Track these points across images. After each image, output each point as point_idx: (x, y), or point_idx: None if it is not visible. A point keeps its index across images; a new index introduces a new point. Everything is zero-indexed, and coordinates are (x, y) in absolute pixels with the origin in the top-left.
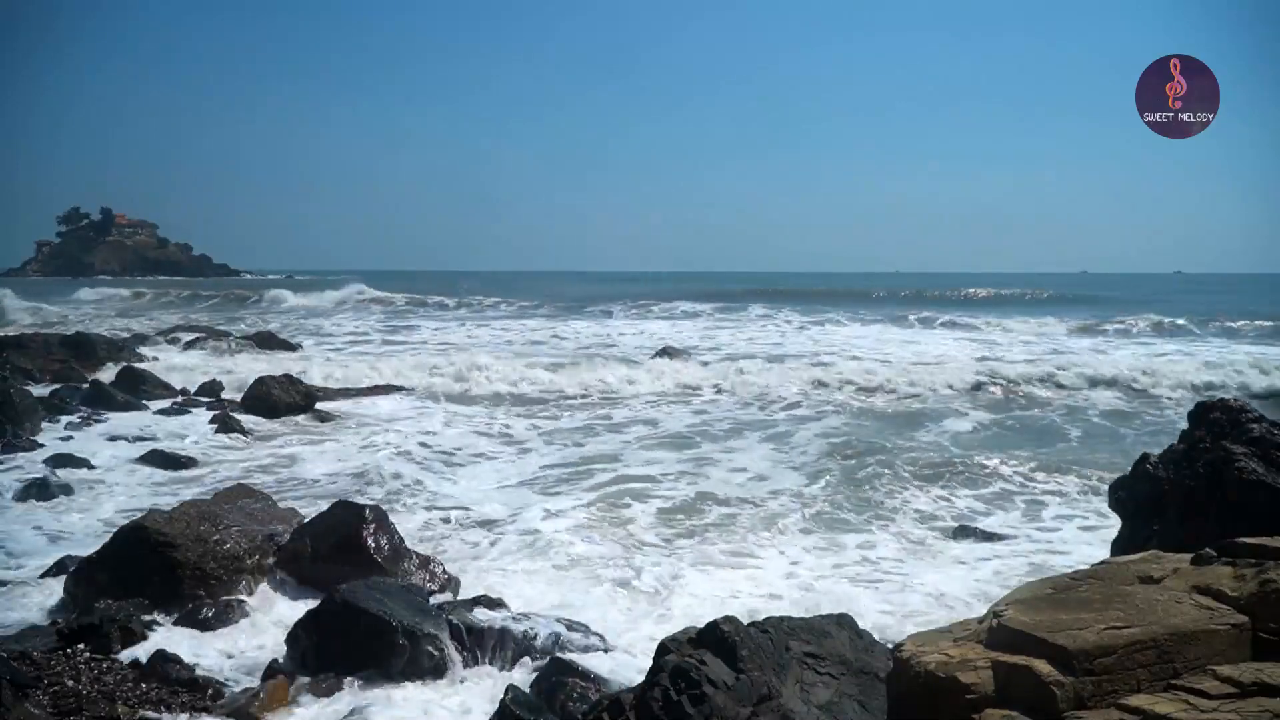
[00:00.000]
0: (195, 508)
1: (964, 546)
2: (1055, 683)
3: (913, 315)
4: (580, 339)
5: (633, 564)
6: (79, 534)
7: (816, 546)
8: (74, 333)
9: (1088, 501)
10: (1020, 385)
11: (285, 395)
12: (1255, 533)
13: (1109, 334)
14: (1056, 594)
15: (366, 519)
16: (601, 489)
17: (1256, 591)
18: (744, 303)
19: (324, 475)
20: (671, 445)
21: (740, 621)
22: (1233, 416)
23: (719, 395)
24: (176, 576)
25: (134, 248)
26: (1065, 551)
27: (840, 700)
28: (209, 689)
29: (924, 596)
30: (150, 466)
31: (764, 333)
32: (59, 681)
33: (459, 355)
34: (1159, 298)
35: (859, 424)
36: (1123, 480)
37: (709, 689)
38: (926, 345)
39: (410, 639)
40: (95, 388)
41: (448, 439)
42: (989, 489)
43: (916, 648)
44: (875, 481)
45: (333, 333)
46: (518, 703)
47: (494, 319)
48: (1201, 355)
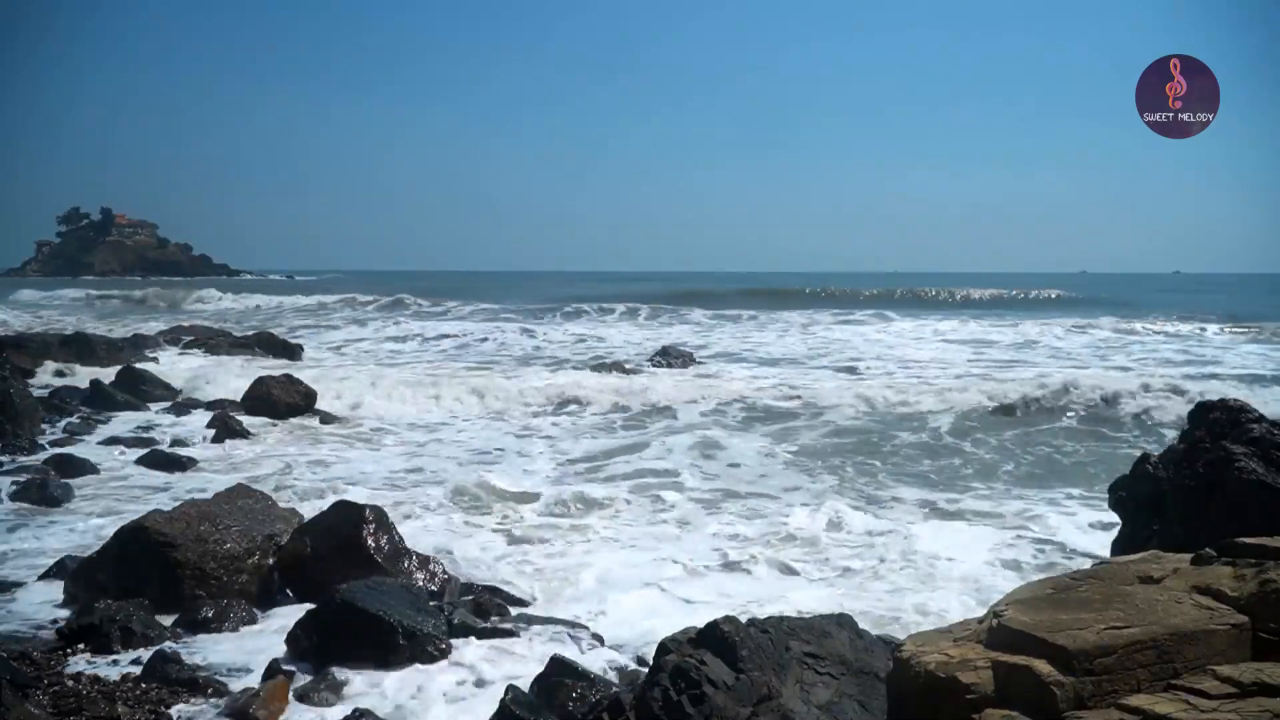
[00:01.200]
0: (195, 508)
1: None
2: (1055, 683)
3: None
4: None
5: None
6: (79, 534)
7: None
8: (74, 333)
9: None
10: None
11: (285, 396)
12: (1255, 533)
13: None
14: (1056, 594)
15: (366, 519)
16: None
17: (1256, 591)
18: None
19: (324, 475)
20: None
21: (740, 621)
22: (1233, 416)
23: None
24: (176, 576)
25: (134, 248)
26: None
27: (840, 700)
28: (209, 689)
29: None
30: (150, 467)
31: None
32: (59, 681)
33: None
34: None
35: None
36: (1123, 480)
37: (709, 689)
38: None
39: (410, 639)
40: (95, 388)
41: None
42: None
43: (916, 648)
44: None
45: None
46: (518, 703)
47: (442, 320)
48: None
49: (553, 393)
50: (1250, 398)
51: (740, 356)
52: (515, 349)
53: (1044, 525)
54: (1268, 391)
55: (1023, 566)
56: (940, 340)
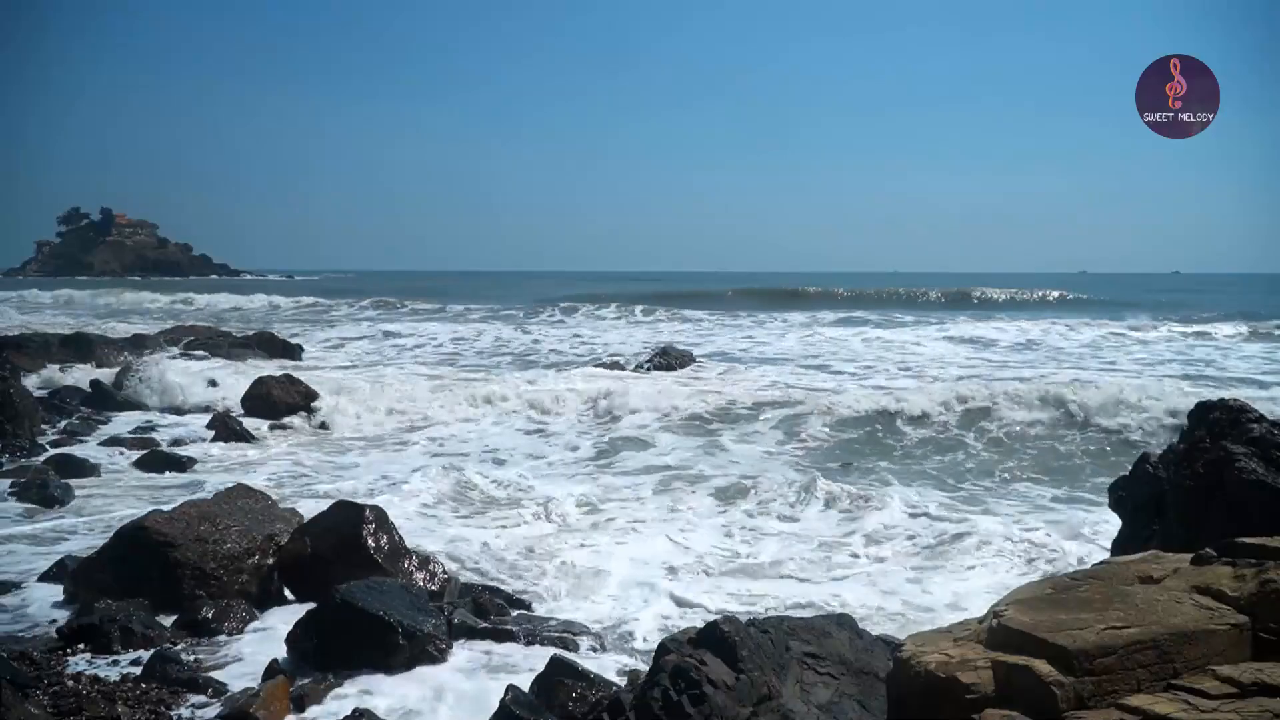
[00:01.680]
0: (195, 508)
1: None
2: (1055, 683)
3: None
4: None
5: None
6: (79, 534)
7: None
8: (74, 333)
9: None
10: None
11: (285, 396)
12: (1255, 533)
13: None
14: (1056, 594)
15: (366, 519)
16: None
17: (1256, 591)
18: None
19: (324, 474)
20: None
21: (740, 621)
22: (1233, 416)
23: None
24: (176, 576)
25: (134, 248)
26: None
27: (840, 700)
28: (209, 689)
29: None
30: (150, 467)
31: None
32: (59, 681)
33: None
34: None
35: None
36: (1123, 480)
37: (709, 689)
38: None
39: (410, 639)
40: (95, 388)
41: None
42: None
43: (916, 648)
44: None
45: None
46: (518, 703)
47: (442, 320)
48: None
49: (552, 392)
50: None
51: (739, 356)
52: (514, 348)
53: (1044, 525)
54: (1265, 393)
55: (1023, 566)
56: (940, 340)
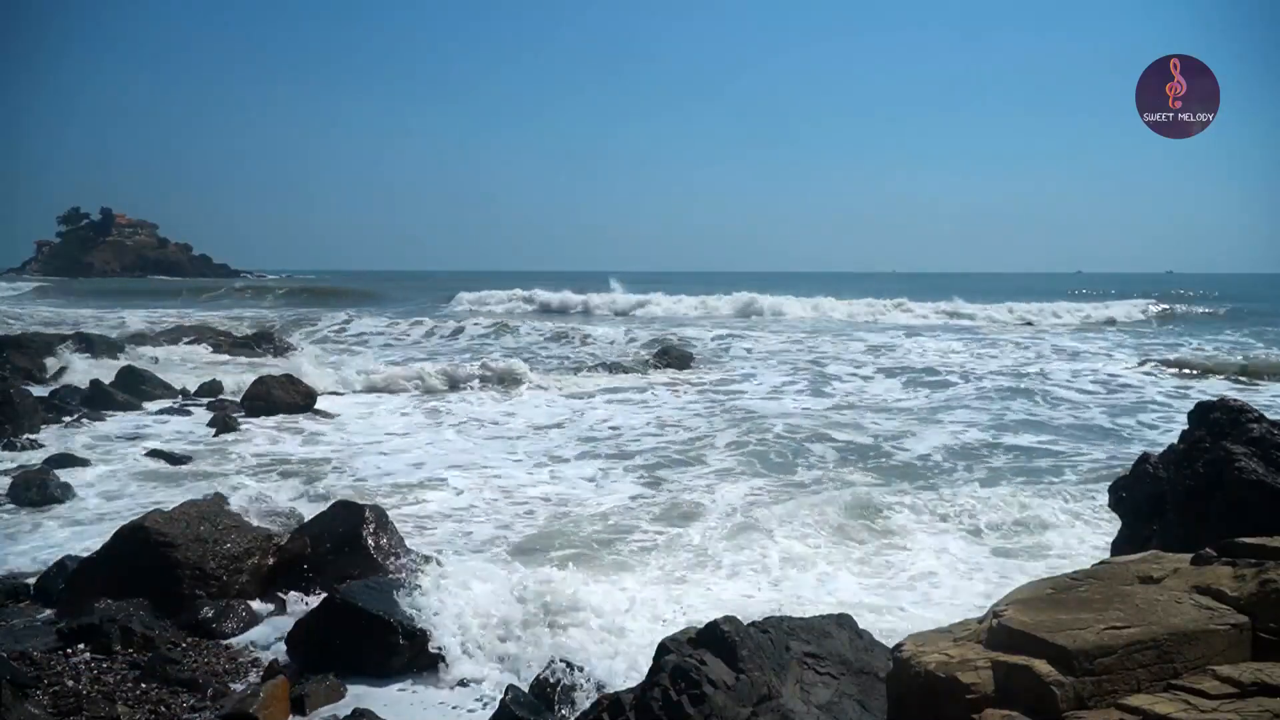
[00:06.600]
0: (195, 508)
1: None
2: (1055, 683)
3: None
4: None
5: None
6: (79, 534)
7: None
8: (74, 333)
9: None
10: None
11: (285, 395)
12: (1255, 533)
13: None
14: (1056, 594)
15: (366, 519)
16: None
17: (1256, 591)
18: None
19: (324, 474)
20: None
21: (740, 621)
22: (1233, 416)
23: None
24: (176, 576)
25: (134, 248)
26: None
27: (840, 700)
28: (209, 689)
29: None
30: (150, 467)
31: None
32: (59, 681)
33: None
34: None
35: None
36: (1123, 480)
37: (709, 689)
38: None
39: (410, 639)
40: (95, 388)
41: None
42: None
43: (916, 648)
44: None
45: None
46: (518, 703)
47: (442, 319)
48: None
49: (551, 392)
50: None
51: (739, 356)
52: (512, 347)
53: (1044, 525)
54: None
55: (1022, 566)
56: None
